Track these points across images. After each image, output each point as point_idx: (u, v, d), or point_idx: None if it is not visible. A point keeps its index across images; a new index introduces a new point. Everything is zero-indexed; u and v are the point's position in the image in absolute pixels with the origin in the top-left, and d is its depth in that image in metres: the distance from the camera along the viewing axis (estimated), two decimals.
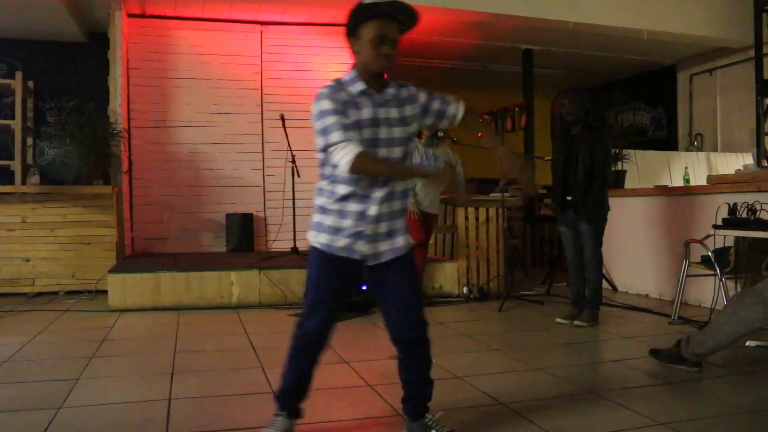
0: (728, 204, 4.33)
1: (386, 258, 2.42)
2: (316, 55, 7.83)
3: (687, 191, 6.01)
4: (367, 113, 2.32)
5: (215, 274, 5.63)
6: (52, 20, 6.80)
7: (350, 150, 2.23)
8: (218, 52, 7.64)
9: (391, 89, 2.39)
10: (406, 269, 2.47)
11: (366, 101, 2.33)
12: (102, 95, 6.93)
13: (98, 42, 7.33)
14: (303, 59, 7.83)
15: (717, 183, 5.36)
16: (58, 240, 6.26)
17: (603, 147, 4.71)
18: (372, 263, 2.41)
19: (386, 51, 2.28)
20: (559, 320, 4.88)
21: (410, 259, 2.48)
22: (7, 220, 6.17)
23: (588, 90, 10.26)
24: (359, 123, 2.31)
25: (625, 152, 6.93)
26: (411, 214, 5.62)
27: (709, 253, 4.57)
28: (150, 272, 5.54)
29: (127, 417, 2.84)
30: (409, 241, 2.49)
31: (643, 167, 7.68)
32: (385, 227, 2.40)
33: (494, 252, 6.24)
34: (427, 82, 2.43)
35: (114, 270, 5.65)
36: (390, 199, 2.38)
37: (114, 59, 6.87)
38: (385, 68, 2.32)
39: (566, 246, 4.96)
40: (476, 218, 6.18)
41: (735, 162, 8.06)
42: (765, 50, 7.86)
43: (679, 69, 9.79)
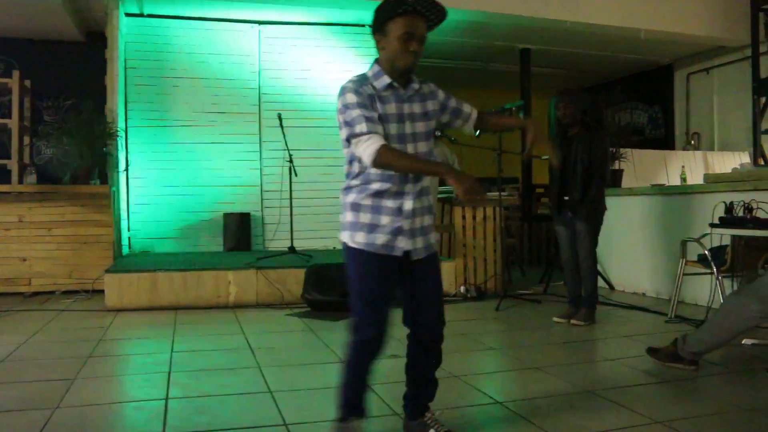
0: (725, 203, 4.34)
1: (422, 254, 2.39)
2: (315, 55, 7.84)
3: (684, 190, 6.02)
4: (393, 108, 2.33)
5: (212, 274, 5.62)
6: (50, 19, 6.79)
7: (374, 142, 2.22)
8: (216, 52, 7.63)
9: (415, 84, 2.41)
10: (435, 266, 2.47)
11: (391, 96, 2.35)
12: (99, 94, 6.91)
13: (96, 41, 7.32)
14: (301, 58, 7.83)
15: (714, 182, 5.37)
16: (55, 239, 6.25)
17: (601, 147, 4.72)
18: (413, 259, 2.37)
19: (414, 48, 2.29)
20: (556, 319, 4.89)
21: (437, 257, 2.49)
22: (4, 220, 6.16)
23: (585, 89, 10.29)
24: (386, 117, 2.32)
25: (623, 151, 6.93)
26: None
27: (706, 252, 4.57)
28: (147, 272, 5.53)
29: (124, 417, 2.84)
30: (437, 238, 2.48)
31: (641, 166, 7.70)
32: (419, 222, 2.39)
33: (491, 251, 6.24)
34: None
35: (111, 269, 5.63)
36: (422, 195, 2.38)
37: (111, 58, 6.86)
38: (412, 65, 2.33)
39: (562, 245, 4.97)
40: (473, 217, 6.19)
41: (732, 161, 8.07)
42: (762, 49, 7.89)
43: (676, 68, 9.81)
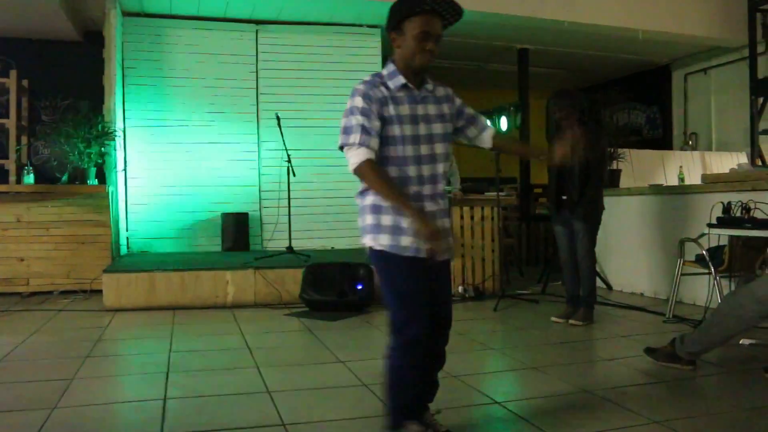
0: (722, 203, 4.34)
1: (444, 257, 2.40)
2: (312, 54, 7.83)
3: (682, 190, 6.03)
4: (407, 109, 2.34)
5: (210, 274, 5.62)
6: (48, 19, 6.78)
7: (361, 154, 2.27)
8: (214, 51, 7.62)
9: (428, 85, 2.42)
10: (448, 269, 2.50)
11: (405, 97, 2.35)
12: (97, 94, 6.90)
13: (93, 40, 7.31)
14: (299, 58, 7.82)
15: (711, 182, 5.37)
16: (53, 239, 6.24)
17: (598, 147, 4.72)
18: (438, 260, 2.37)
19: (430, 47, 2.29)
20: (555, 319, 4.89)
21: (450, 260, 2.52)
22: (2, 220, 6.15)
23: (583, 89, 10.30)
24: (400, 119, 2.32)
25: (621, 151, 6.94)
26: None
27: (704, 252, 4.58)
28: (145, 272, 5.53)
29: (122, 417, 2.84)
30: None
31: (638, 166, 7.71)
32: (441, 225, 2.39)
33: (489, 251, 6.24)
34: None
35: (109, 269, 5.63)
36: (439, 197, 2.40)
37: (109, 58, 6.85)
38: (428, 64, 2.33)
39: (561, 245, 4.98)
40: (471, 217, 6.19)
41: (729, 161, 8.09)
42: (759, 50, 7.91)
43: (674, 68, 9.82)
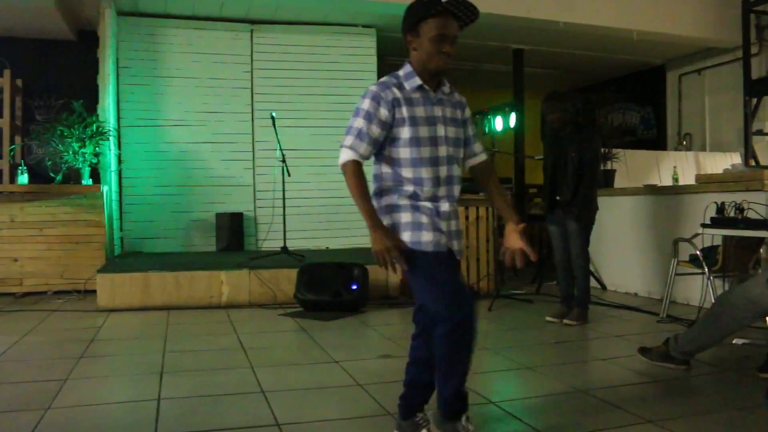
0: (716, 203, 4.36)
1: (458, 256, 2.43)
2: (307, 54, 7.82)
3: (676, 190, 6.04)
4: (423, 111, 2.35)
5: (205, 274, 5.61)
6: (42, 18, 6.76)
7: (347, 156, 2.35)
8: (209, 51, 7.61)
9: (445, 88, 2.43)
10: (458, 268, 2.51)
11: (421, 98, 2.36)
12: (91, 94, 6.88)
13: (88, 40, 7.28)
14: (294, 58, 7.81)
15: (705, 182, 5.39)
16: (47, 239, 6.22)
17: (591, 147, 4.75)
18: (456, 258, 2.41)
19: (447, 49, 2.30)
20: (549, 319, 4.90)
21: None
22: None
23: (578, 90, 10.33)
24: (415, 120, 2.33)
25: (615, 151, 6.96)
26: None
27: (697, 252, 4.60)
28: (139, 272, 5.52)
29: (116, 418, 2.83)
30: None
31: (633, 166, 7.72)
32: (455, 226, 2.42)
33: (484, 251, 6.25)
34: None
35: (103, 269, 5.62)
36: (453, 200, 2.42)
37: (104, 57, 6.83)
38: (445, 67, 2.34)
39: (555, 245, 4.99)
40: (466, 217, 6.19)
41: (723, 161, 8.11)
42: (753, 51, 7.93)
43: (668, 69, 9.85)
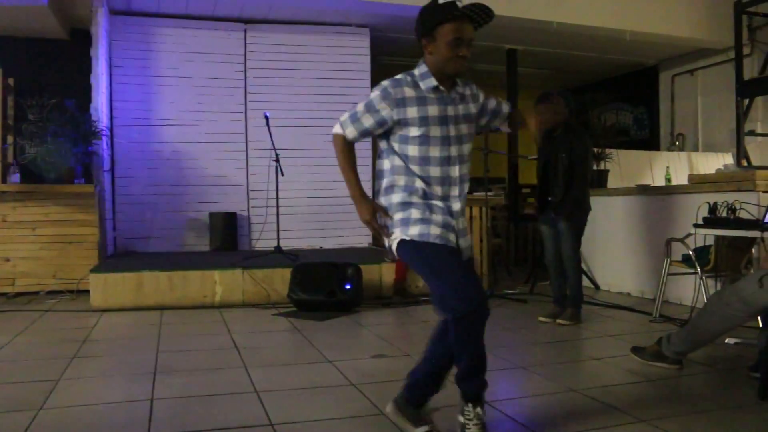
0: (708, 203, 4.38)
1: (468, 255, 2.48)
2: (301, 54, 7.81)
3: (668, 190, 6.07)
4: (436, 110, 2.37)
5: (198, 274, 5.60)
6: (34, 17, 6.72)
7: (339, 130, 2.45)
8: (202, 50, 7.59)
9: (459, 87, 2.44)
10: (472, 266, 2.56)
11: (435, 99, 2.38)
12: (84, 93, 6.85)
13: (80, 39, 7.25)
14: (287, 58, 7.81)
15: (698, 182, 5.42)
16: (39, 239, 6.19)
17: (582, 148, 4.78)
18: (464, 259, 2.45)
19: (463, 53, 2.31)
20: (542, 319, 4.92)
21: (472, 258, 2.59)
22: None
23: (572, 90, 10.34)
24: (428, 120, 2.36)
25: (608, 152, 6.98)
26: None
27: (690, 252, 4.62)
28: (132, 271, 5.50)
29: (109, 418, 2.82)
30: None
31: (626, 167, 7.75)
32: (462, 224, 2.46)
33: (477, 251, 6.26)
34: None
35: (96, 269, 5.60)
36: (463, 199, 2.45)
37: (96, 56, 6.81)
38: (461, 70, 2.35)
39: (546, 245, 5.01)
40: None
41: (715, 162, 8.15)
42: (745, 51, 7.96)
43: (661, 69, 9.88)
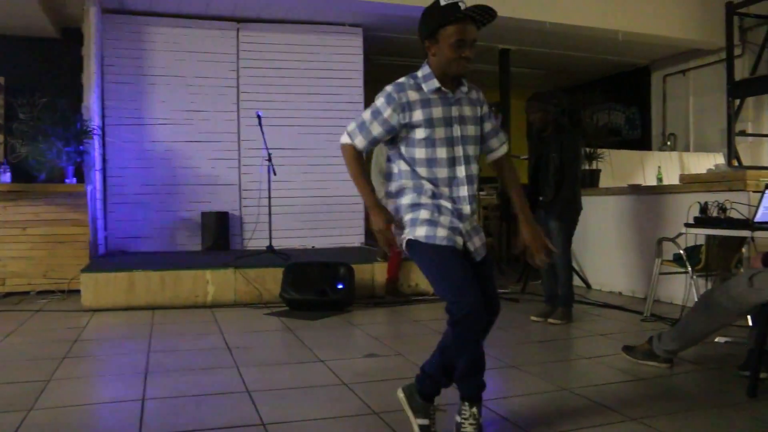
0: (700, 203, 4.40)
1: (483, 253, 2.49)
2: (294, 53, 7.80)
3: (660, 190, 6.09)
4: (440, 112, 2.38)
5: (190, 273, 5.59)
6: (25, 15, 6.68)
7: (347, 141, 2.44)
8: (194, 49, 7.57)
9: (464, 88, 2.44)
10: (490, 262, 2.56)
11: (439, 100, 2.39)
12: (76, 92, 6.83)
13: (72, 38, 7.22)
14: (280, 57, 7.79)
15: (689, 182, 5.45)
16: (30, 239, 6.16)
17: (573, 148, 4.81)
18: (477, 260, 2.46)
19: (467, 54, 2.31)
20: (534, 318, 4.93)
21: (490, 255, 2.59)
22: None
23: (564, 90, 10.37)
24: (432, 122, 2.36)
25: (600, 151, 7.00)
26: None
27: (681, 251, 4.64)
28: (124, 271, 5.48)
29: (100, 418, 2.82)
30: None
31: (618, 166, 7.78)
32: (471, 225, 2.47)
33: None
34: None
35: (87, 269, 5.58)
36: (473, 201, 2.46)
37: (88, 55, 6.78)
38: (465, 71, 2.36)
39: None
40: None
41: (707, 162, 8.18)
42: (736, 52, 8.00)
43: (653, 70, 9.92)
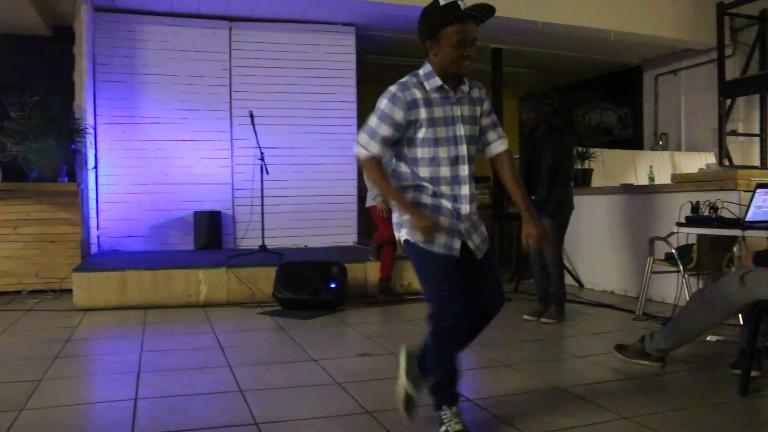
0: (691, 202, 4.42)
1: (484, 249, 2.51)
2: (286, 52, 7.79)
3: (652, 189, 6.12)
4: (441, 111, 2.39)
5: (183, 272, 5.57)
6: (15, 13, 6.64)
7: (364, 153, 2.41)
8: (186, 48, 7.54)
9: (465, 86, 2.45)
10: (491, 258, 2.58)
11: (440, 99, 2.40)
12: (67, 90, 6.79)
13: (63, 36, 7.18)
14: (272, 56, 7.78)
15: (680, 182, 5.47)
16: (21, 238, 6.13)
17: (565, 147, 4.83)
18: (478, 257, 2.50)
19: (468, 53, 2.33)
20: (526, 317, 4.94)
21: (492, 251, 2.61)
22: None
23: (556, 89, 10.41)
24: (434, 121, 2.38)
25: (592, 151, 7.02)
26: (380, 212, 5.65)
27: (673, 251, 4.66)
28: (116, 270, 5.46)
29: (92, 418, 2.81)
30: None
31: (610, 166, 7.81)
32: (470, 223, 2.49)
33: None
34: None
35: (79, 268, 5.55)
36: (474, 198, 2.49)
37: (80, 54, 6.75)
38: (466, 69, 2.37)
39: None
40: None
41: (698, 161, 8.22)
42: (727, 52, 8.04)
43: (645, 69, 9.95)
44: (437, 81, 2.38)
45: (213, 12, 7.51)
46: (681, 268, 4.60)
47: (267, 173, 6.46)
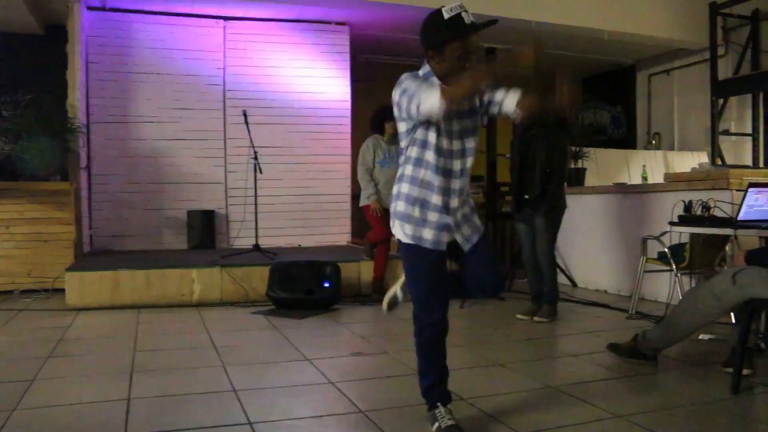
0: (684, 201, 4.44)
1: (474, 239, 2.54)
2: (280, 51, 7.78)
3: (645, 189, 6.14)
4: None
5: (176, 272, 5.56)
6: (7, 11, 6.61)
7: (428, 102, 2.25)
8: (180, 47, 7.52)
9: None
10: (484, 243, 2.61)
11: None
12: (60, 89, 6.77)
13: (56, 34, 7.15)
14: (266, 55, 7.77)
15: (673, 181, 5.49)
16: (14, 237, 6.10)
17: (559, 146, 4.84)
18: (465, 250, 2.53)
19: (470, 63, 2.36)
20: (520, 316, 4.95)
21: (485, 237, 2.64)
22: None
23: None
24: None
25: (586, 150, 7.04)
26: (374, 211, 5.65)
27: (665, 249, 4.68)
28: (109, 270, 5.45)
29: (85, 418, 2.79)
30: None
31: (603, 165, 7.83)
32: (461, 214, 2.52)
33: None
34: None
35: (72, 268, 5.54)
36: (464, 194, 2.52)
37: (73, 52, 6.72)
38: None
39: (523, 243, 5.06)
40: None
41: (691, 160, 8.25)
42: (719, 52, 8.08)
43: (638, 69, 9.98)
44: (437, 80, 2.41)
45: (207, 11, 7.49)
46: (674, 267, 4.61)
47: (261, 172, 6.46)
